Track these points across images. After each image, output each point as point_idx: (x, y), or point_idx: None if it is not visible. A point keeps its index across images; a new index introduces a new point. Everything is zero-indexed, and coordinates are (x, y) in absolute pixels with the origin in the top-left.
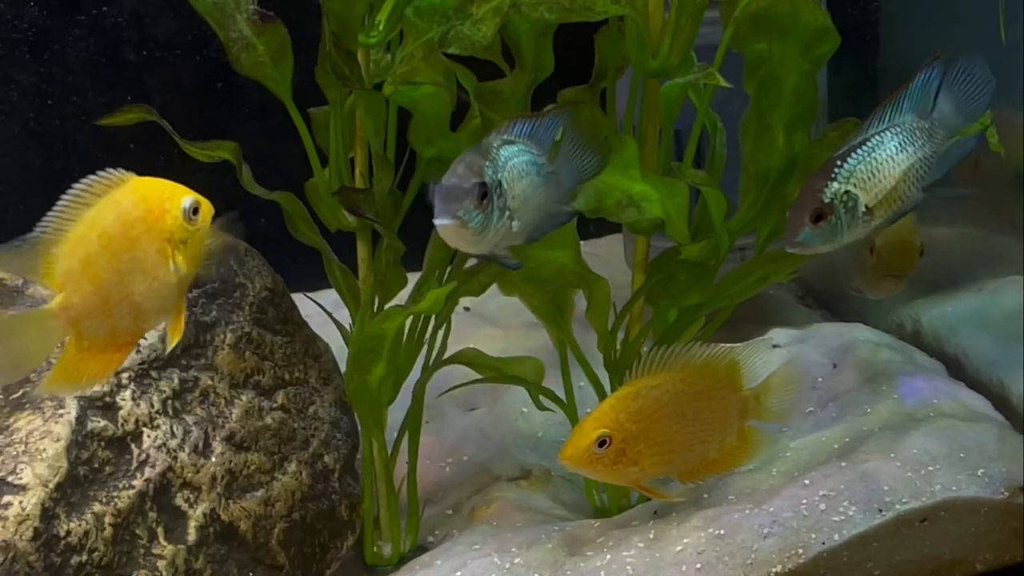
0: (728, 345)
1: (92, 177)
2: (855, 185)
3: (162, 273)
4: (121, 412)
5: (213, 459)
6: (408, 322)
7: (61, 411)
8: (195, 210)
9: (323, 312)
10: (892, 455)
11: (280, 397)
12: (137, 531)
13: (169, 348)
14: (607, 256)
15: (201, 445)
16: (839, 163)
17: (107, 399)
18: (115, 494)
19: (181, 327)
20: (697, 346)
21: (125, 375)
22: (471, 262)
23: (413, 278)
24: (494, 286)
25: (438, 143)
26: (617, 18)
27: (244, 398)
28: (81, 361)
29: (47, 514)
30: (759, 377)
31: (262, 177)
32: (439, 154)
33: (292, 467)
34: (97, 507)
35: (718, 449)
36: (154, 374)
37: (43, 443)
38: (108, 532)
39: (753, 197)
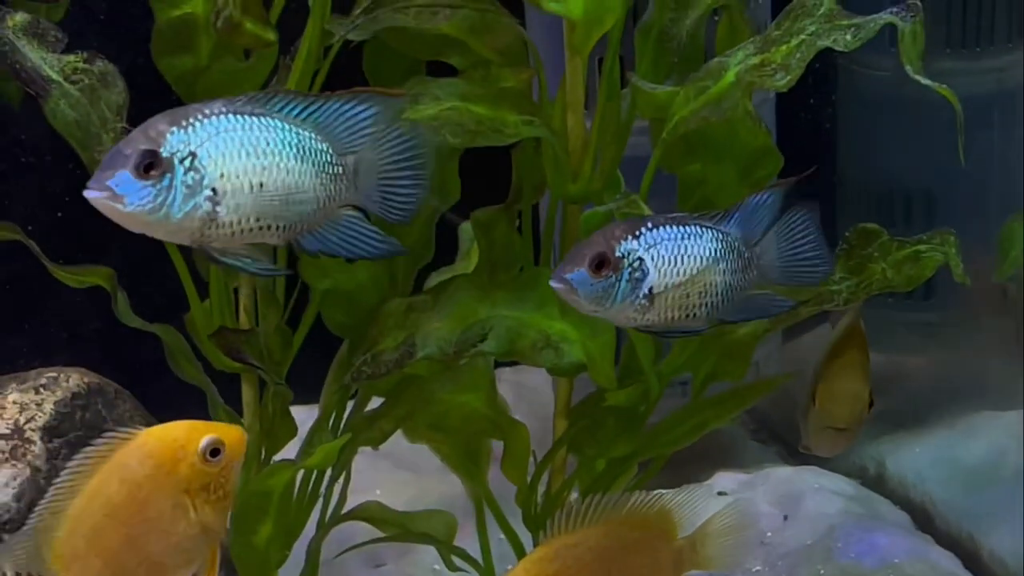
0: (659, 491)
1: (89, 447)
2: (651, 258)
3: (182, 527)
4: None
5: None
6: (300, 474)
7: None
8: (215, 451)
9: None
10: None
11: None
12: None
13: None
14: (537, 386)
15: None
16: (649, 226)
17: None
18: None
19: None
20: (622, 496)
21: None
22: (371, 405)
23: (310, 411)
24: None
25: (333, 275)
26: None
27: None
28: None
29: None
30: (696, 525)
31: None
32: (334, 286)
33: None
34: None
35: None
36: (6, 538)
37: None
38: None
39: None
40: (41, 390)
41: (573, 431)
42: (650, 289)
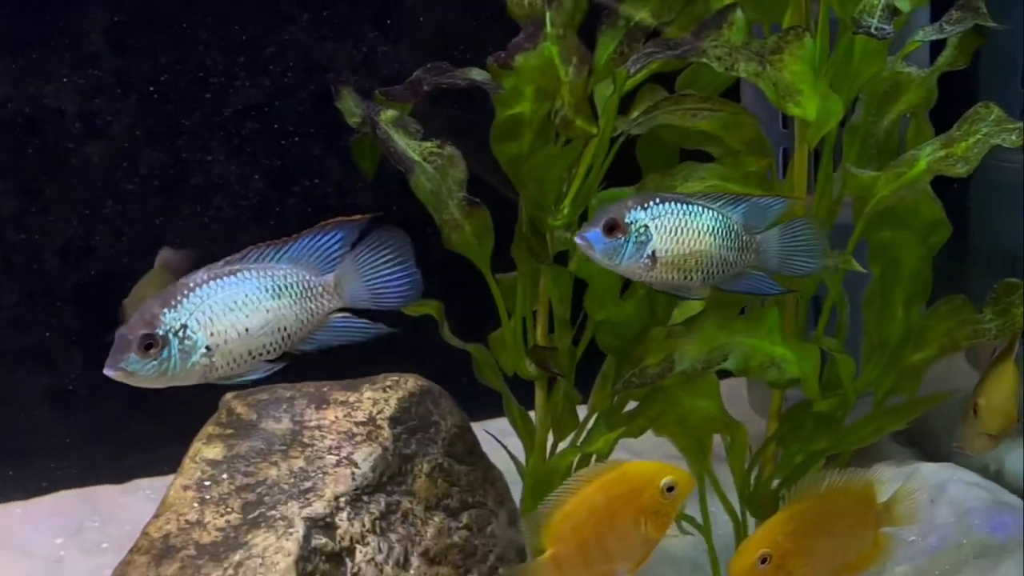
0: (856, 469)
1: (589, 470)
2: (655, 227)
3: (634, 538)
4: (339, 531)
5: (411, 572)
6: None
7: (291, 530)
8: (670, 488)
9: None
10: None
11: (465, 518)
12: None
13: None
14: (728, 397)
15: (402, 559)
16: (657, 200)
17: (328, 520)
18: None
19: (636, 569)
20: (837, 473)
21: (343, 499)
22: (631, 406)
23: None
24: None
25: (608, 308)
26: None
27: (436, 519)
28: None
29: None
30: (887, 493)
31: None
32: (608, 317)
33: None
34: None
35: (856, 555)
36: (365, 498)
37: (276, 557)
38: None
39: (875, 361)
40: (387, 389)
41: (782, 430)
42: (652, 252)
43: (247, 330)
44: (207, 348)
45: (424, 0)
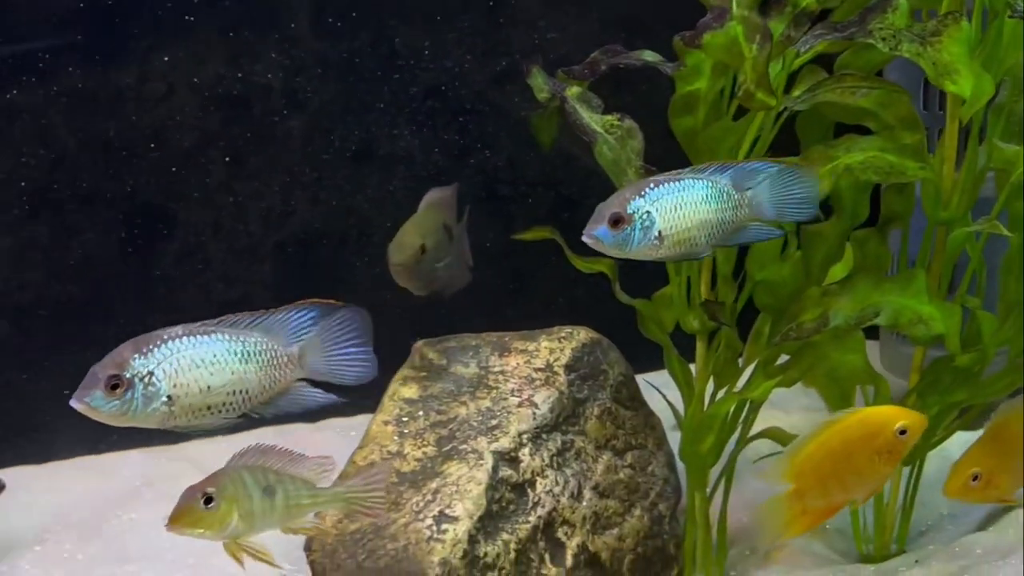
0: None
1: (834, 416)
2: (656, 210)
3: (869, 473)
4: (522, 464)
5: (584, 503)
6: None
7: (481, 462)
8: (903, 431)
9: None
10: None
11: (629, 457)
12: (531, 555)
13: None
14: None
15: (575, 492)
16: (652, 186)
17: (512, 454)
18: (517, 526)
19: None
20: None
21: (525, 436)
22: (783, 359)
23: None
24: None
25: (768, 269)
26: None
27: (604, 457)
28: (798, 517)
29: (472, 539)
30: None
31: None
32: (766, 277)
33: (637, 512)
34: (505, 536)
35: None
36: (544, 436)
37: (469, 485)
38: (512, 555)
39: (1011, 321)
40: (562, 340)
41: (922, 384)
42: (659, 232)
43: (209, 387)
44: (168, 397)
45: None
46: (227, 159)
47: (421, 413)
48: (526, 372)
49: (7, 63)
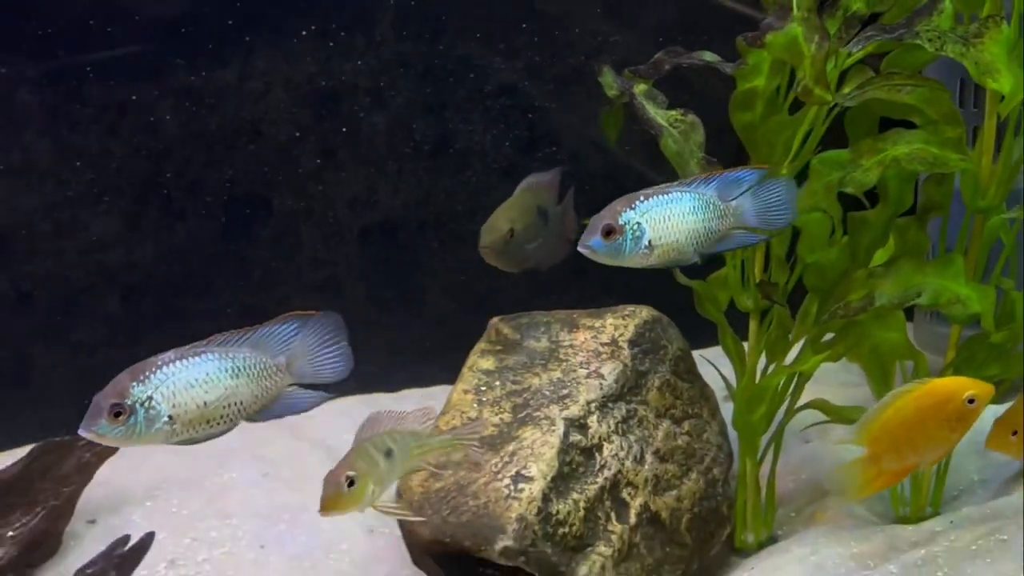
0: None
1: (897, 389)
2: (646, 221)
3: (939, 439)
4: (590, 430)
5: (646, 467)
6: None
7: (553, 428)
8: (971, 400)
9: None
10: None
11: (686, 426)
12: (598, 513)
13: None
14: None
15: (638, 456)
16: (642, 199)
17: (581, 421)
18: (586, 487)
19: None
20: None
21: (593, 404)
22: (829, 337)
23: None
24: None
25: (817, 252)
26: None
27: (664, 425)
28: (873, 478)
29: (546, 498)
30: None
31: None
32: (816, 260)
33: (693, 476)
34: (575, 495)
35: None
36: (610, 405)
37: (543, 449)
38: (581, 513)
39: None
40: (626, 317)
41: (958, 359)
42: (649, 241)
43: (205, 403)
44: (169, 417)
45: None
46: (317, 152)
47: (498, 383)
48: (593, 346)
49: (123, 64)
